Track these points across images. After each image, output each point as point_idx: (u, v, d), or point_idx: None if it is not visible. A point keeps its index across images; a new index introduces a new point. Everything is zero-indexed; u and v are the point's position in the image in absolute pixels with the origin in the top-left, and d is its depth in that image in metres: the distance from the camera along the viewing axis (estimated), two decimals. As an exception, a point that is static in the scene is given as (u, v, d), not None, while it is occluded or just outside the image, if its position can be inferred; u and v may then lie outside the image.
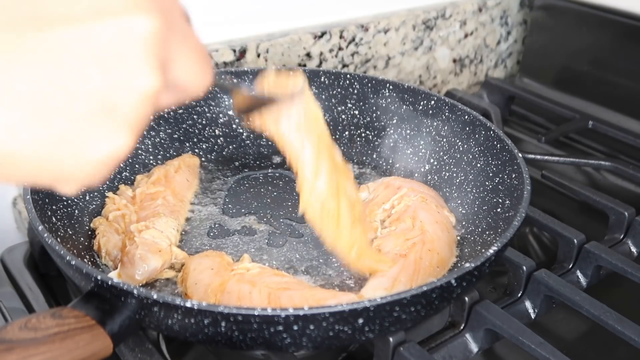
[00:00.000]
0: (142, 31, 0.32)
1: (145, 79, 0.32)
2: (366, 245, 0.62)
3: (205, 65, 0.38)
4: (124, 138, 0.33)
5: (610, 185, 0.92)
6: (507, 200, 0.67)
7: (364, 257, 0.62)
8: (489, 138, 0.74)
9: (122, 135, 0.33)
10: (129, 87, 0.32)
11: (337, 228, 0.59)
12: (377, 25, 1.00)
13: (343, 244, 0.60)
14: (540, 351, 0.53)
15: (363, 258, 0.62)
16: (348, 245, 0.60)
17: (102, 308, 0.48)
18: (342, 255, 0.61)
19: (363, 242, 0.62)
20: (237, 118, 0.58)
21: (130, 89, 0.32)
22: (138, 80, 0.32)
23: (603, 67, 1.06)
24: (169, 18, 0.34)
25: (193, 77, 0.37)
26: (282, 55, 0.93)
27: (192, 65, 0.37)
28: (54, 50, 0.30)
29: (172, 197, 0.71)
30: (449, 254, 0.66)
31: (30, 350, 0.44)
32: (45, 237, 0.53)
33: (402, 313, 0.49)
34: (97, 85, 0.31)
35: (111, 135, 0.32)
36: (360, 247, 0.61)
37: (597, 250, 0.67)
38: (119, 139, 0.33)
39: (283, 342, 0.48)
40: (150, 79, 0.33)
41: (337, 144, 0.85)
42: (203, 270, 0.60)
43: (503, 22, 1.18)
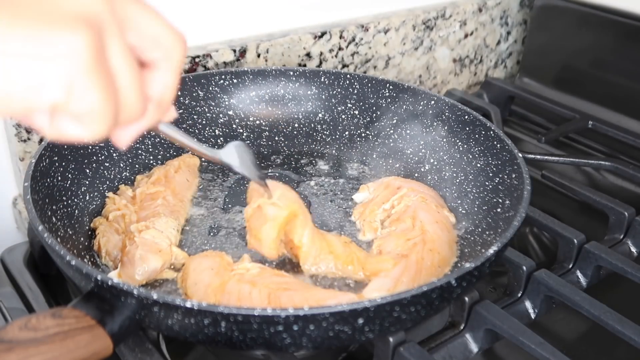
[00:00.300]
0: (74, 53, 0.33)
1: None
2: (365, 255, 0.65)
3: (167, 24, 0.39)
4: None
5: (610, 185, 0.92)
6: (507, 200, 0.67)
7: (365, 264, 0.64)
8: (489, 138, 0.74)
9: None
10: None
11: (331, 253, 0.64)
12: (377, 25, 1.00)
13: (345, 260, 0.64)
14: (540, 351, 0.53)
15: (365, 265, 0.64)
16: (349, 260, 0.64)
17: (102, 308, 0.48)
18: (348, 271, 0.64)
19: (360, 254, 0.65)
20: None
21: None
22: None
23: (603, 67, 1.06)
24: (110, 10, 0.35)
25: (162, 31, 0.38)
26: (282, 55, 0.93)
27: (156, 23, 0.38)
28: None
29: (172, 197, 0.71)
30: (450, 254, 0.66)
31: (30, 350, 0.44)
32: (45, 237, 0.53)
33: (402, 313, 0.49)
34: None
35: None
36: (359, 258, 0.64)
37: (597, 250, 0.67)
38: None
39: (283, 342, 0.48)
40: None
41: (337, 143, 0.86)
42: (203, 270, 0.60)
43: (503, 22, 1.18)
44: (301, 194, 0.78)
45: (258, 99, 0.86)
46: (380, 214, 0.71)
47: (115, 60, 0.35)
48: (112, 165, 0.75)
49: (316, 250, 0.64)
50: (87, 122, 0.35)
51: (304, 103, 0.87)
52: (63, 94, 0.33)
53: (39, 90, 0.33)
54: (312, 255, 0.64)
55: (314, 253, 0.64)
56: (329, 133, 0.87)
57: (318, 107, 0.87)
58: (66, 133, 0.36)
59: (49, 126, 0.36)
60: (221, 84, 0.84)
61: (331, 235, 0.67)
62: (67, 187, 0.67)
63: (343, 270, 0.64)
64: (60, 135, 0.36)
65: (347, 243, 0.66)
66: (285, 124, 0.87)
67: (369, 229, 0.70)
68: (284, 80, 0.86)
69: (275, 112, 0.87)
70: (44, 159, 0.64)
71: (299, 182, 0.80)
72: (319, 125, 0.87)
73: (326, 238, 0.65)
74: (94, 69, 0.33)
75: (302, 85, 0.86)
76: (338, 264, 0.64)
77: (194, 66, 0.86)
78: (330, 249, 0.64)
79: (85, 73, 0.33)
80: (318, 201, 0.76)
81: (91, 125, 0.35)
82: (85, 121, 0.35)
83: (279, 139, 0.86)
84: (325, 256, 0.64)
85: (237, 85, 0.85)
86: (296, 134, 0.87)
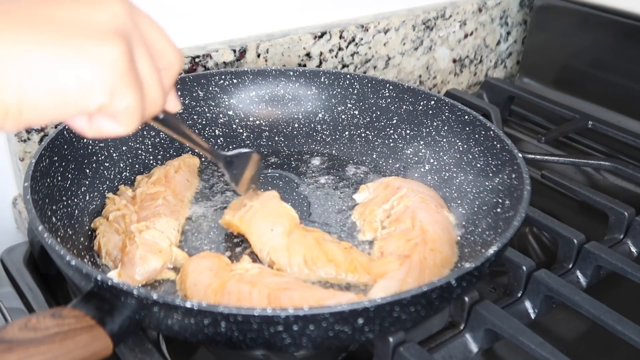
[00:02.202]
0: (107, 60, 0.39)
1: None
2: (368, 259, 0.65)
3: (170, 40, 0.46)
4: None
5: (610, 185, 0.92)
6: (507, 200, 0.67)
7: (369, 268, 0.63)
8: (489, 138, 0.74)
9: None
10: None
11: (331, 262, 0.64)
12: (377, 26, 1.00)
13: (347, 267, 0.63)
14: (540, 351, 0.53)
15: (370, 270, 0.63)
16: (352, 267, 0.63)
17: (102, 308, 0.48)
18: (354, 278, 0.64)
19: (362, 259, 0.64)
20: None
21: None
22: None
23: (603, 67, 1.06)
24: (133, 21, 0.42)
25: (167, 46, 0.45)
26: (282, 56, 0.93)
27: (162, 39, 0.45)
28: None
29: (172, 197, 0.71)
30: (451, 253, 0.66)
31: (30, 350, 0.44)
32: (45, 237, 0.53)
33: (402, 313, 0.49)
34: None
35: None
36: (362, 263, 0.64)
37: (597, 250, 0.67)
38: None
39: (283, 342, 0.48)
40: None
41: (337, 144, 0.86)
42: (202, 271, 0.60)
43: (503, 22, 1.18)
44: (301, 194, 0.78)
45: (258, 99, 0.86)
46: (380, 214, 0.71)
47: (142, 65, 0.42)
48: (112, 165, 0.75)
49: (300, 257, 0.64)
50: (123, 119, 0.41)
51: (304, 103, 0.87)
52: (107, 97, 0.39)
53: (88, 95, 0.38)
54: (295, 263, 0.64)
55: (297, 261, 0.64)
56: (329, 133, 0.87)
57: (318, 107, 0.87)
58: (104, 130, 0.42)
59: (89, 126, 0.42)
60: (221, 84, 0.84)
61: (331, 242, 0.66)
62: (67, 187, 0.67)
63: (348, 277, 0.63)
64: (99, 133, 0.42)
65: (348, 249, 0.65)
66: (285, 124, 0.87)
67: (369, 229, 0.70)
68: (284, 80, 0.86)
69: (275, 112, 0.87)
70: (44, 159, 0.64)
71: (298, 182, 0.80)
72: (319, 125, 0.87)
73: (324, 247, 0.64)
74: (129, 74, 0.40)
75: (302, 85, 0.86)
76: (340, 272, 0.63)
77: (194, 66, 0.86)
78: (328, 257, 0.64)
79: (122, 78, 0.39)
80: (318, 201, 0.76)
81: (126, 121, 0.41)
82: (122, 118, 0.41)
83: (279, 139, 0.86)
84: (323, 265, 0.63)
85: (237, 85, 0.85)
86: (296, 134, 0.87)
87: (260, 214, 0.67)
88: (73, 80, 0.37)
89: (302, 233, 0.66)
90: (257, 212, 0.68)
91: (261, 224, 0.67)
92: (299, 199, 0.77)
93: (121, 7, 0.41)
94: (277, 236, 0.66)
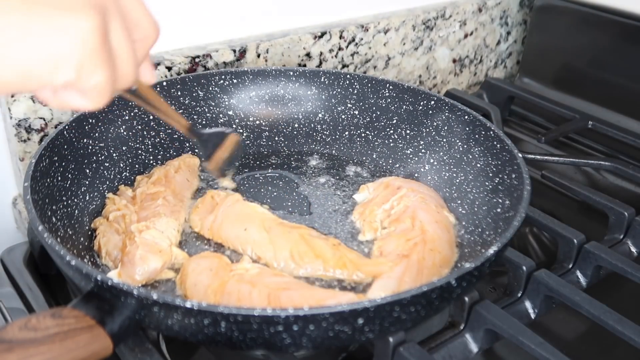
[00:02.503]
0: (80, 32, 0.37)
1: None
2: (357, 256, 0.65)
3: (148, 11, 0.44)
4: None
5: (610, 185, 0.92)
6: (507, 200, 0.67)
7: (360, 265, 0.63)
8: (489, 138, 0.74)
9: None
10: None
11: (318, 257, 0.63)
12: (377, 26, 1.00)
13: (335, 263, 0.63)
14: (540, 351, 0.53)
15: (360, 267, 0.63)
16: (341, 263, 0.63)
17: (102, 308, 0.48)
18: (343, 274, 0.63)
19: (352, 255, 0.64)
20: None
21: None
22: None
23: (603, 67, 1.06)
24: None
25: (143, 16, 0.43)
26: (282, 56, 0.93)
27: (139, 9, 0.43)
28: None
29: (172, 197, 0.71)
30: (451, 254, 0.66)
31: (30, 350, 0.44)
32: (45, 237, 0.53)
33: (402, 313, 0.49)
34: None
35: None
36: (351, 259, 0.64)
37: (597, 250, 0.67)
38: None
39: (283, 342, 0.48)
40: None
41: (337, 144, 0.86)
42: (202, 271, 0.60)
43: (503, 22, 1.18)
44: (301, 194, 0.78)
45: (258, 99, 0.86)
46: (380, 214, 0.71)
47: (116, 38, 0.39)
48: (112, 165, 0.75)
49: (287, 252, 0.64)
50: (91, 95, 0.39)
51: (304, 103, 0.87)
52: (74, 73, 0.37)
53: (54, 71, 0.36)
54: (281, 257, 0.64)
55: (283, 255, 0.64)
56: (329, 133, 0.87)
57: (318, 107, 0.87)
58: (70, 104, 0.40)
59: (53, 98, 0.40)
60: (221, 84, 0.84)
61: (318, 239, 0.66)
62: (67, 187, 0.67)
63: (336, 273, 0.63)
64: (64, 106, 0.40)
65: (336, 245, 0.65)
66: (285, 124, 0.87)
67: (369, 229, 0.70)
68: (284, 80, 0.86)
69: (275, 112, 0.87)
70: (44, 159, 0.64)
71: (298, 182, 0.80)
72: (319, 125, 0.87)
73: (310, 242, 0.64)
74: (100, 49, 0.37)
75: (302, 85, 0.86)
76: (328, 268, 0.63)
77: (194, 66, 0.86)
78: (316, 253, 0.63)
79: (93, 54, 0.37)
80: (318, 201, 0.76)
81: (95, 97, 0.39)
82: (90, 95, 0.39)
83: (279, 139, 0.86)
84: (311, 260, 0.63)
85: (237, 85, 0.85)
86: (296, 134, 0.87)
87: (227, 220, 0.68)
88: (38, 54, 0.35)
89: (285, 229, 0.66)
90: (224, 220, 0.68)
91: (231, 230, 0.67)
92: (299, 199, 0.77)
93: None
94: (253, 233, 0.66)
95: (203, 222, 0.69)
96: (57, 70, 0.36)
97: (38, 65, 0.36)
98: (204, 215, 0.69)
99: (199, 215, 0.70)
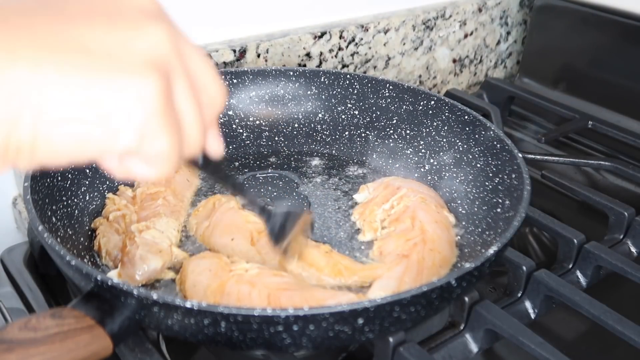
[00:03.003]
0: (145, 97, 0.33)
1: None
2: (351, 262, 0.64)
3: (216, 74, 0.40)
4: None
5: (610, 185, 0.92)
6: (507, 200, 0.67)
7: (355, 271, 0.63)
8: (489, 138, 0.74)
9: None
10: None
11: (312, 266, 0.63)
12: (377, 25, 1.00)
13: (330, 271, 0.63)
14: (540, 351, 0.53)
15: (356, 272, 0.63)
16: (336, 270, 0.63)
17: (102, 308, 0.48)
18: (340, 280, 0.63)
19: (346, 261, 0.64)
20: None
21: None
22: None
23: (603, 67, 1.06)
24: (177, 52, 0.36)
25: (211, 80, 0.39)
26: (282, 56, 0.93)
27: (207, 72, 0.39)
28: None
29: (172, 197, 0.71)
30: (450, 254, 0.66)
31: (30, 350, 0.44)
32: (45, 237, 0.53)
33: (402, 313, 0.49)
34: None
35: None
36: (347, 266, 0.63)
37: (597, 250, 0.67)
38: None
39: (283, 343, 0.48)
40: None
41: (337, 144, 0.86)
42: (201, 272, 0.60)
43: (503, 22, 1.18)
44: (301, 194, 0.78)
45: (258, 99, 0.86)
46: (380, 214, 0.71)
47: (181, 100, 0.36)
48: (112, 166, 0.75)
49: (276, 262, 0.63)
50: (156, 163, 0.36)
51: (304, 103, 0.87)
52: (136, 139, 0.34)
53: (113, 137, 0.33)
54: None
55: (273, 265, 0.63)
56: (329, 133, 0.87)
57: (318, 107, 0.87)
58: (135, 173, 0.36)
59: (118, 167, 0.37)
60: (221, 84, 0.84)
61: (310, 247, 0.64)
62: (67, 187, 0.67)
63: (332, 281, 0.62)
64: (129, 175, 0.37)
65: (328, 252, 0.64)
66: (285, 124, 0.87)
67: (369, 229, 0.70)
68: (284, 80, 0.86)
69: (275, 112, 0.87)
70: (44, 159, 0.64)
71: (298, 182, 0.80)
72: (319, 125, 0.87)
73: (302, 252, 0.63)
74: (164, 113, 0.34)
75: (302, 85, 0.86)
76: (323, 276, 0.63)
77: (194, 66, 0.86)
78: (309, 262, 0.63)
79: (156, 118, 0.34)
80: (318, 201, 0.76)
81: (160, 165, 0.36)
82: (154, 162, 0.36)
83: (279, 139, 0.86)
84: (304, 269, 0.63)
85: (237, 85, 0.85)
86: (296, 134, 0.87)
87: (217, 228, 0.67)
88: (97, 118, 0.32)
89: None
90: (214, 228, 0.67)
91: (219, 238, 0.67)
92: (299, 199, 0.77)
93: (164, 35, 0.35)
94: (240, 244, 0.65)
95: (198, 227, 0.69)
96: (117, 135, 0.33)
97: (97, 130, 0.32)
98: (201, 220, 0.69)
99: (196, 219, 0.70)
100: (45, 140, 0.31)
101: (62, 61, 0.31)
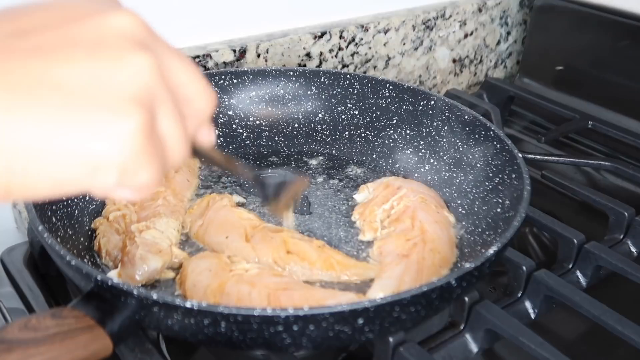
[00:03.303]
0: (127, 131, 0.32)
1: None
2: (344, 257, 0.65)
3: (203, 84, 0.39)
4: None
5: (610, 185, 0.92)
6: (507, 200, 0.67)
7: (347, 267, 0.63)
8: (489, 138, 0.74)
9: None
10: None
11: (304, 260, 0.63)
12: (377, 26, 1.00)
13: (322, 265, 0.63)
14: (540, 351, 0.53)
15: (348, 268, 0.63)
16: (327, 264, 0.63)
17: (102, 308, 0.48)
18: (331, 275, 0.63)
19: (339, 256, 0.64)
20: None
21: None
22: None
23: (603, 67, 1.06)
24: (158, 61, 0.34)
25: (197, 92, 0.38)
26: (282, 56, 0.93)
27: (193, 84, 0.38)
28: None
29: (172, 197, 0.71)
30: (450, 254, 0.66)
31: (30, 350, 0.44)
32: (45, 237, 0.53)
33: (402, 313, 0.49)
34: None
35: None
36: (339, 261, 0.63)
37: (597, 250, 0.67)
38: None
39: (283, 343, 0.48)
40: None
41: (337, 144, 0.86)
42: (201, 272, 0.60)
43: (503, 22, 1.18)
44: (301, 194, 0.78)
45: (258, 99, 0.86)
46: (380, 214, 0.71)
47: (165, 125, 0.35)
48: (112, 165, 0.75)
49: (269, 258, 0.63)
50: (138, 190, 0.35)
51: (304, 103, 0.87)
52: (117, 177, 0.33)
53: (92, 176, 0.32)
54: (265, 264, 0.63)
55: (266, 261, 0.63)
56: (329, 133, 0.87)
57: (318, 107, 0.87)
58: (115, 196, 0.35)
59: (97, 191, 0.35)
60: (221, 84, 0.84)
61: (302, 241, 0.65)
62: (67, 187, 0.67)
63: (324, 275, 0.63)
64: (109, 196, 0.36)
65: (321, 247, 0.65)
66: (285, 124, 0.87)
67: (369, 229, 0.70)
68: (284, 80, 0.86)
69: (275, 112, 0.87)
70: (44, 159, 0.64)
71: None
72: (319, 125, 0.87)
73: (295, 246, 0.64)
74: (145, 149, 0.33)
75: (302, 85, 0.86)
76: (315, 270, 0.63)
77: (194, 66, 0.86)
78: (301, 256, 0.63)
79: (137, 155, 0.33)
80: (318, 201, 0.76)
81: (141, 191, 0.35)
82: (136, 190, 0.35)
83: (279, 139, 0.86)
84: (296, 263, 0.63)
85: (237, 85, 0.85)
86: (296, 134, 0.87)
87: (211, 226, 0.67)
88: (74, 159, 0.31)
89: (267, 234, 0.66)
90: (208, 226, 0.68)
91: (214, 236, 0.67)
92: (299, 200, 0.77)
93: (147, 63, 0.33)
94: (234, 241, 0.65)
95: (192, 226, 0.69)
96: (97, 174, 0.32)
97: (75, 170, 0.31)
98: (195, 219, 0.69)
99: (191, 218, 0.70)
100: (21, 181, 0.31)
101: (36, 103, 0.30)
